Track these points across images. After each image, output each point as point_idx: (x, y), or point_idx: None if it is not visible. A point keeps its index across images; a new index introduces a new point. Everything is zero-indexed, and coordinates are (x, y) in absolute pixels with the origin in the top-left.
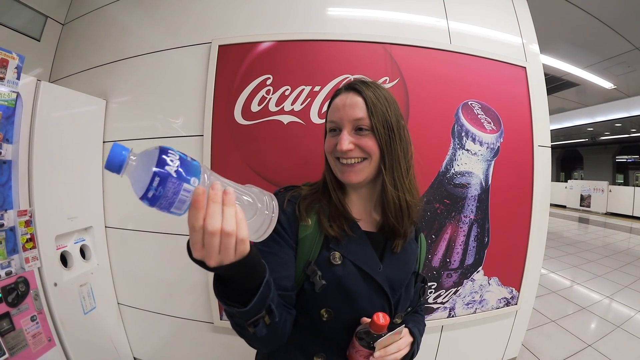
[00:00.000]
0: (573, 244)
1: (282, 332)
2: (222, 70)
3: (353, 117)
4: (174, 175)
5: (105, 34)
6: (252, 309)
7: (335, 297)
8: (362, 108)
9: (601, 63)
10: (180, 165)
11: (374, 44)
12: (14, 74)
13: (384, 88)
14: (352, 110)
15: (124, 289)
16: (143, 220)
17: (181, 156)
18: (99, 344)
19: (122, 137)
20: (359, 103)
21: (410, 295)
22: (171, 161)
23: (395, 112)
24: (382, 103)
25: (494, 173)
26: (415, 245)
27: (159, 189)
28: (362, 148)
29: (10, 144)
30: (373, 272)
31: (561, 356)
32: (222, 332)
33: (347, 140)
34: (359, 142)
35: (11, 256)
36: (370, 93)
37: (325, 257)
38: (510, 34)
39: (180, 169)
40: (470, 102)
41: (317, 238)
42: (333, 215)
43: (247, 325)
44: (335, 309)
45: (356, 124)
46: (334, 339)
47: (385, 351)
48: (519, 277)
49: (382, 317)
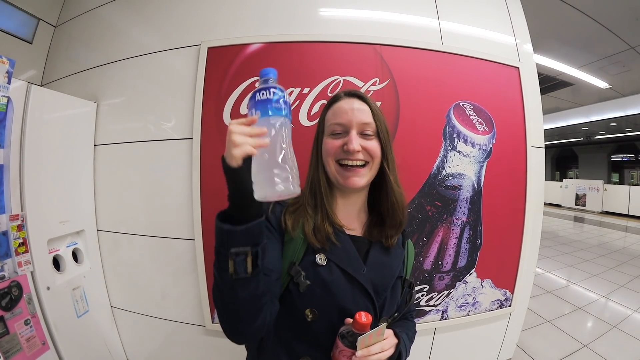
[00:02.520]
0: (568, 243)
1: (258, 308)
2: (212, 72)
3: (362, 121)
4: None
5: (97, 36)
6: (242, 232)
7: (319, 298)
8: (368, 113)
9: (596, 63)
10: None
11: (364, 44)
12: (5, 79)
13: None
14: (361, 114)
15: (116, 292)
16: (135, 224)
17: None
18: (93, 347)
19: (113, 140)
20: (366, 109)
21: (397, 299)
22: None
23: (385, 119)
24: (380, 111)
25: (486, 174)
26: (401, 250)
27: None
28: (367, 151)
29: (2, 149)
30: (357, 274)
31: (557, 357)
32: (213, 335)
33: (357, 141)
34: (365, 144)
35: (4, 260)
36: (371, 101)
37: (309, 259)
38: (503, 33)
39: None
40: (462, 103)
41: (301, 243)
42: (319, 227)
43: (230, 256)
44: (320, 309)
45: (363, 128)
46: (319, 339)
47: (367, 350)
48: (513, 278)
49: (364, 316)
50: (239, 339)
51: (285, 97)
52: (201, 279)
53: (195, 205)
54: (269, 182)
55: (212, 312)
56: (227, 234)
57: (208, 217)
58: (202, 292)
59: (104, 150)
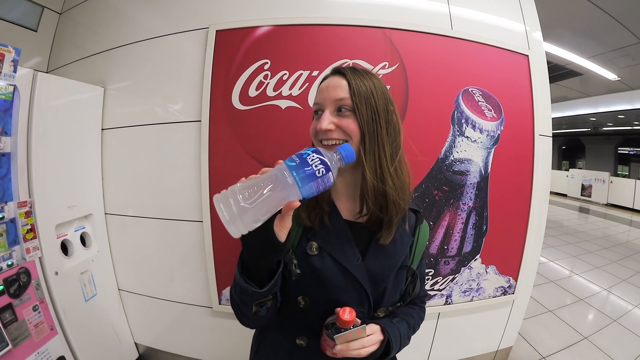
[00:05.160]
0: (573, 233)
1: (272, 315)
2: (220, 55)
3: (335, 97)
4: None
5: (102, 21)
6: (266, 291)
7: (310, 286)
8: (344, 89)
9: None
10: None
11: (373, 28)
12: (11, 67)
13: (375, 76)
14: (335, 90)
15: (124, 275)
16: (143, 206)
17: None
18: (100, 331)
19: (120, 123)
20: (341, 84)
21: (400, 288)
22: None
23: (384, 97)
24: (367, 86)
25: (493, 161)
26: (408, 238)
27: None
28: (342, 129)
29: (9, 137)
30: (349, 265)
31: (557, 347)
32: (220, 317)
33: (327, 119)
34: (339, 122)
35: (12, 247)
36: (355, 76)
37: (303, 247)
38: (513, 20)
39: None
40: (471, 89)
41: (296, 228)
42: (310, 205)
43: (254, 305)
44: (311, 297)
45: (338, 104)
46: (313, 325)
47: (347, 346)
48: (517, 266)
49: (347, 313)
50: (248, 327)
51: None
52: (209, 260)
53: (204, 187)
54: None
55: (220, 294)
56: (251, 294)
57: None
58: (210, 273)
59: (112, 134)
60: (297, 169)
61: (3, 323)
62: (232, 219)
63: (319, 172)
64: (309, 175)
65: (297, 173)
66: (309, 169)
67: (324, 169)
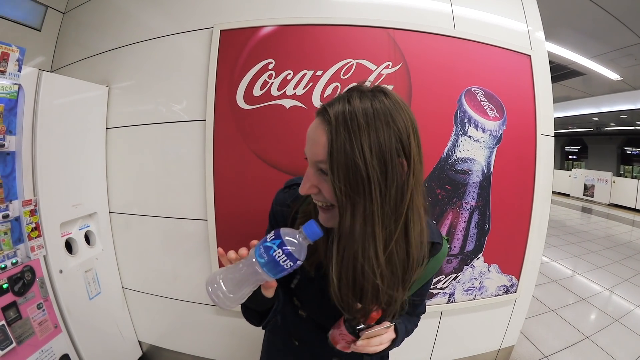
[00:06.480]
0: (575, 233)
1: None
2: (224, 54)
3: (314, 159)
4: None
5: (106, 20)
6: (265, 325)
7: (305, 297)
8: (322, 146)
9: (608, 54)
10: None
11: (377, 28)
12: (15, 67)
13: (379, 99)
14: (314, 147)
15: (128, 273)
16: (147, 205)
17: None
18: (104, 329)
19: (124, 122)
20: (321, 141)
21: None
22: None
23: (390, 150)
24: (355, 142)
25: (496, 160)
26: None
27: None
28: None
29: (14, 136)
30: (329, 324)
31: (559, 346)
32: (225, 315)
33: (307, 184)
34: (321, 186)
35: (17, 246)
36: (342, 126)
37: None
38: (516, 20)
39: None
40: (474, 89)
41: None
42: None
43: (262, 326)
44: (305, 304)
45: (318, 166)
46: (308, 326)
47: (368, 342)
48: (519, 265)
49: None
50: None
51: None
52: (213, 258)
53: (209, 186)
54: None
55: None
56: (255, 324)
57: (221, 198)
58: (214, 272)
59: (116, 133)
60: (266, 265)
61: (7, 321)
62: (221, 302)
63: (287, 265)
64: (279, 269)
65: (268, 269)
66: (278, 265)
67: (291, 262)
